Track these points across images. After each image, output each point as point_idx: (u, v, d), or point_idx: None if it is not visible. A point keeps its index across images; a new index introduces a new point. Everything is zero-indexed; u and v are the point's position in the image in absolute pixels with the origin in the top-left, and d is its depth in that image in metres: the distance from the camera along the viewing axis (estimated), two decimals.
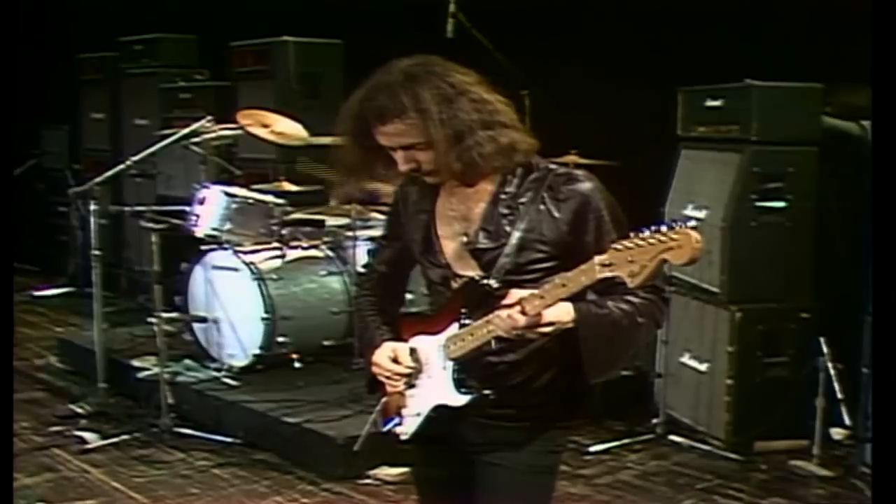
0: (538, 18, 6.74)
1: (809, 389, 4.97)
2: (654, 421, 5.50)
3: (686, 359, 5.55)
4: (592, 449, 5.26)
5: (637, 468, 5.12)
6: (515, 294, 2.34)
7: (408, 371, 2.58)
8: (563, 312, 2.34)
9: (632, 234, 2.17)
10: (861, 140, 5.55)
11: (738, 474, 5.01)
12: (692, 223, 2.11)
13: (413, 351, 2.60)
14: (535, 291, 2.31)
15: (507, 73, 5.73)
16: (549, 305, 2.30)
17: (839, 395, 4.91)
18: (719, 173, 5.37)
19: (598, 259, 2.21)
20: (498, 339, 2.41)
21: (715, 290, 5.33)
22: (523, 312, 2.30)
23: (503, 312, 2.33)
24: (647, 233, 2.15)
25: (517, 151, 2.46)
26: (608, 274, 2.20)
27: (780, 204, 5.28)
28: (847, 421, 4.91)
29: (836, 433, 4.98)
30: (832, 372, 4.91)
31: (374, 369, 2.64)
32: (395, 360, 2.60)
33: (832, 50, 5.43)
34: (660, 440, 5.42)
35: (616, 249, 2.18)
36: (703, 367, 5.43)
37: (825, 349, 4.94)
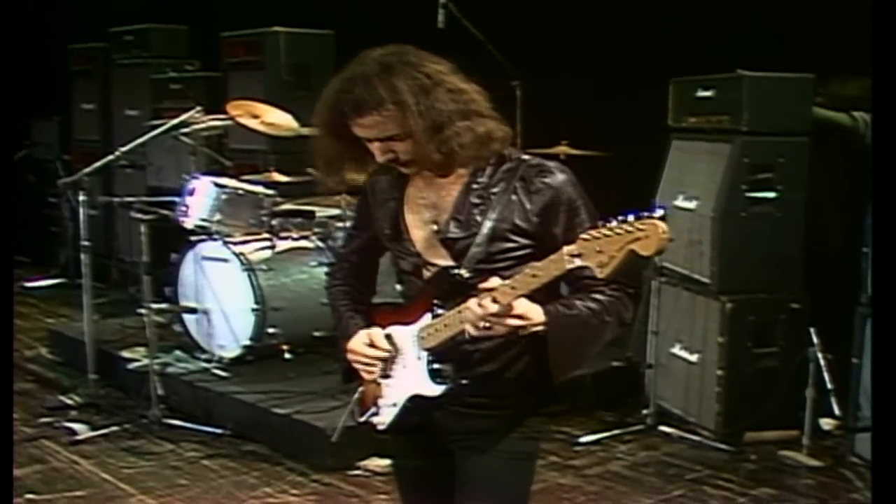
0: (528, 9, 6.73)
1: (799, 380, 4.97)
2: (645, 412, 5.51)
3: (677, 349, 5.54)
4: (582, 440, 5.26)
5: (627, 459, 5.12)
6: (488, 282, 2.33)
7: (384, 355, 2.59)
8: (534, 313, 2.34)
9: (600, 224, 2.17)
10: (852, 130, 5.56)
11: (728, 465, 5.02)
12: (659, 212, 2.11)
13: (389, 336, 2.60)
14: (507, 281, 2.30)
15: (498, 63, 5.73)
16: (521, 295, 2.30)
17: (829, 386, 4.90)
18: (710, 164, 5.36)
19: (566, 249, 2.21)
20: None
21: (706, 280, 5.33)
22: (495, 301, 2.29)
23: (474, 302, 2.33)
24: (614, 223, 2.15)
25: (494, 140, 2.46)
26: (578, 264, 2.20)
27: (771, 194, 5.28)
28: (837, 411, 4.90)
29: (826, 423, 4.97)
30: (822, 362, 4.91)
31: (350, 356, 2.65)
32: (371, 345, 2.60)
33: (823, 40, 5.43)
34: (650, 431, 5.42)
35: (584, 240, 2.18)
36: (693, 357, 5.43)
37: (815, 340, 4.93)
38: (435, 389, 2.50)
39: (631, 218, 2.12)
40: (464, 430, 2.56)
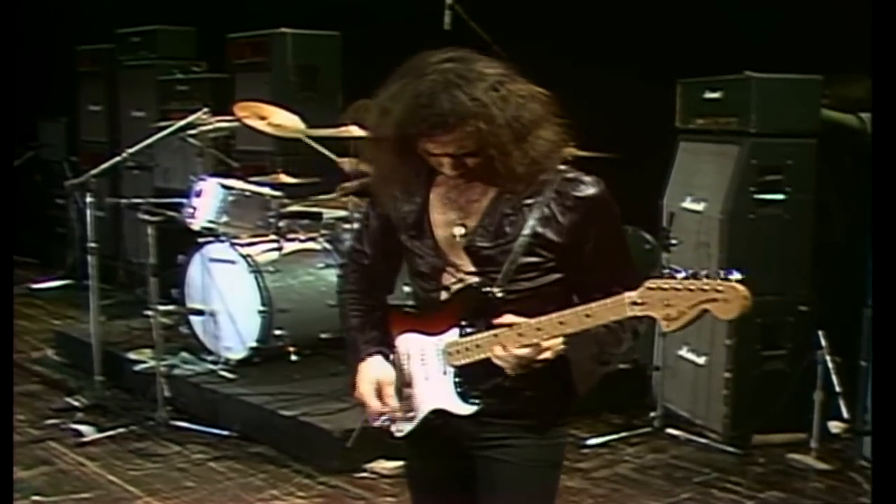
0: (535, 10, 6.71)
1: (807, 382, 4.96)
2: (652, 414, 5.49)
3: (684, 352, 5.53)
4: (590, 442, 5.25)
5: (634, 461, 5.11)
6: (510, 318, 2.30)
7: (388, 411, 2.52)
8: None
9: (665, 273, 2.12)
10: (860, 132, 5.54)
11: (736, 467, 5.00)
12: (736, 275, 2.07)
13: (400, 376, 2.54)
14: (554, 316, 2.26)
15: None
16: (571, 334, 2.25)
17: (837, 389, 4.90)
18: (718, 165, 5.35)
19: (628, 296, 2.16)
20: None
21: None
22: (540, 338, 2.26)
23: (521, 347, 2.27)
24: (682, 274, 2.10)
25: (564, 146, 2.36)
26: (638, 313, 2.15)
27: (779, 196, 5.26)
28: (845, 414, 4.90)
29: (834, 426, 4.97)
30: (830, 365, 4.90)
31: (356, 393, 2.56)
32: (379, 396, 2.51)
33: (831, 41, 5.41)
34: (657, 433, 5.41)
35: (649, 288, 2.13)
36: (701, 360, 5.42)
37: (823, 342, 4.92)
38: (465, 409, 2.43)
39: (703, 274, 2.08)
40: (487, 436, 2.47)
